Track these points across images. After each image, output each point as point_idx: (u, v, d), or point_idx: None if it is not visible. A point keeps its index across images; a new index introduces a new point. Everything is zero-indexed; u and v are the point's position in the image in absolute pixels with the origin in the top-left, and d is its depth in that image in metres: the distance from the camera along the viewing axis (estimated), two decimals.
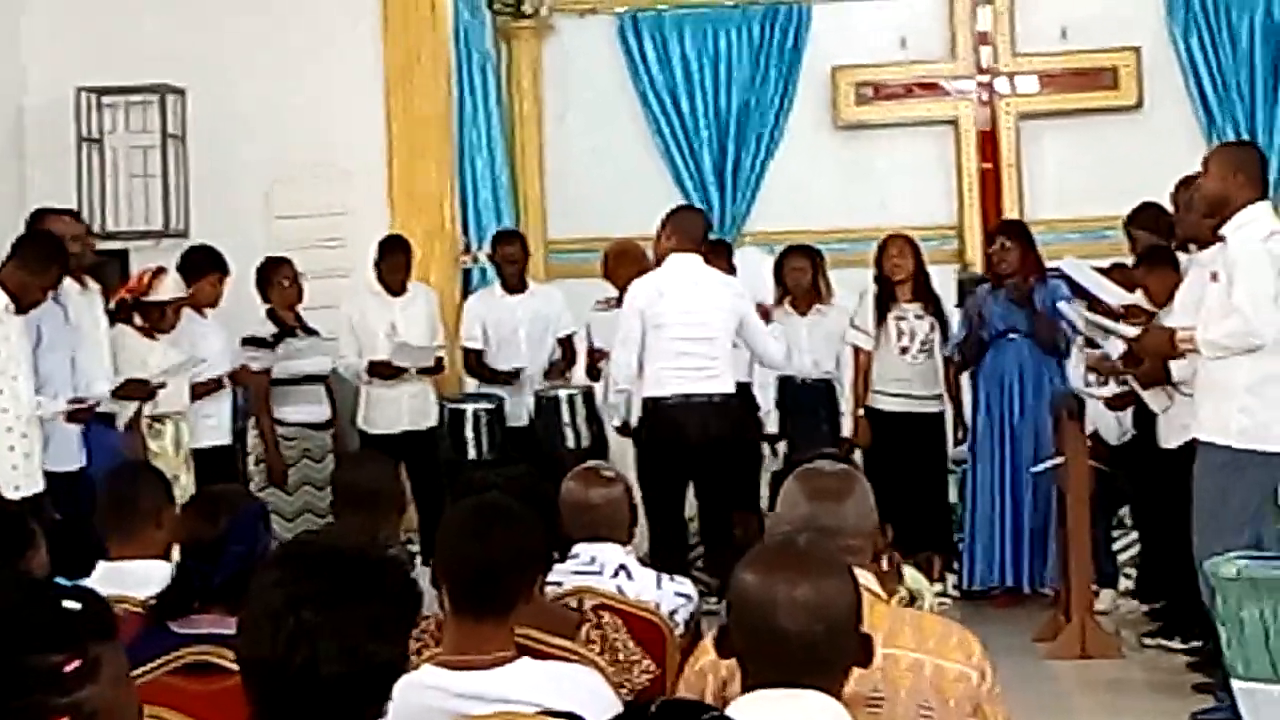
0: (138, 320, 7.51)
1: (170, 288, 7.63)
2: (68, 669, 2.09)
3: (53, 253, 6.55)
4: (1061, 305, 7.79)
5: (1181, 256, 7.00)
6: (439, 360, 8.59)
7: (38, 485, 6.39)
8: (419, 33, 9.03)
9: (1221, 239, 5.95)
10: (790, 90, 10.83)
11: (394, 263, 8.53)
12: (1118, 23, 10.52)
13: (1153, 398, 6.90)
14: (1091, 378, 7.79)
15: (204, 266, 8.04)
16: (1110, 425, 7.70)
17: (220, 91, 8.87)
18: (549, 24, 10.93)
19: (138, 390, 7.17)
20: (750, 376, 8.27)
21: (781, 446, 8.72)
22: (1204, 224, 6.18)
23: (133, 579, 4.05)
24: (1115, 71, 10.53)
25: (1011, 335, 8.33)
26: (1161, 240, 7.32)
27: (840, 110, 10.78)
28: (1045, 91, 10.70)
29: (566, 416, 8.36)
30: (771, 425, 8.70)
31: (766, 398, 8.57)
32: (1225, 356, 5.88)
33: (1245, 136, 10.22)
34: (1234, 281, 5.85)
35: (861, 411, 8.60)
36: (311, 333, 8.45)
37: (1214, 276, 5.98)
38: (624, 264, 8.63)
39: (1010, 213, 10.43)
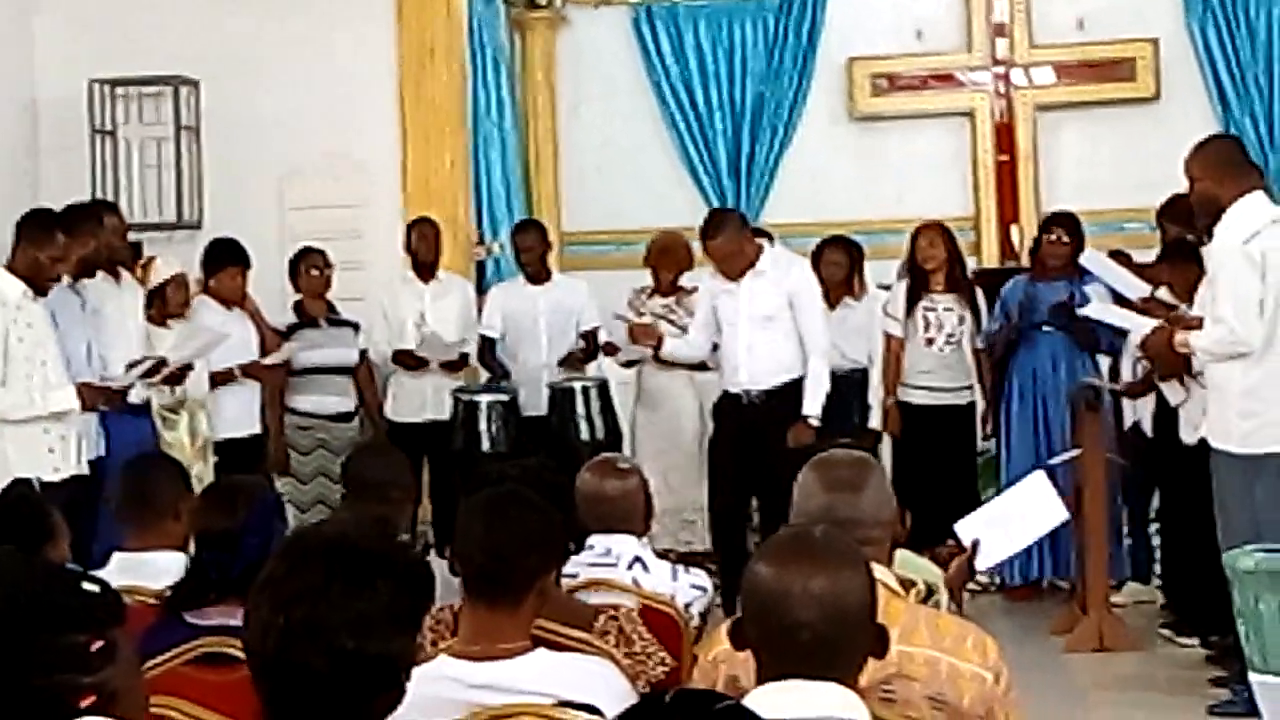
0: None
1: (162, 270, 7.63)
2: (93, 648, 2.11)
3: (49, 221, 6.48)
4: (1090, 293, 7.73)
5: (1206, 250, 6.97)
6: (463, 356, 8.53)
7: (74, 468, 6.38)
8: (433, 24, 9.01)
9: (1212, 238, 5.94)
10: (805, 82, 10.78)
11: (422, 232, 8.48)
12: (1134, 14, 10.48)
13: (1170, 390, 6.88)
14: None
15: (223, 259, 8.01)
16: (1150, 419, 7.60)
17: (234, 83, 8.85)
18: (563, 15, 10.91)
19: (157, 368, 7.16)
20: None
21: None
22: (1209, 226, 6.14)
23: (149, 570, 4.05)
24: (1132, 63, 10.48)
25: (1046, 327, 8.27)
26: (1192, 232, 7.26)
27: (855, 102, 10.75)
28: (1062, 83, 10.66)
29: (581, 408, 8.31)
30: None
31: None
32: (1218, 361, 5.87)
33: (1263, 127, 10.21)
34: (1216, 289, 5.83)
35: (892, 400, 8.56)
36: (341, 323, 8.43)
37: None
38: (669, 258, 8.78)
39: (1026, 205, 10.42)
